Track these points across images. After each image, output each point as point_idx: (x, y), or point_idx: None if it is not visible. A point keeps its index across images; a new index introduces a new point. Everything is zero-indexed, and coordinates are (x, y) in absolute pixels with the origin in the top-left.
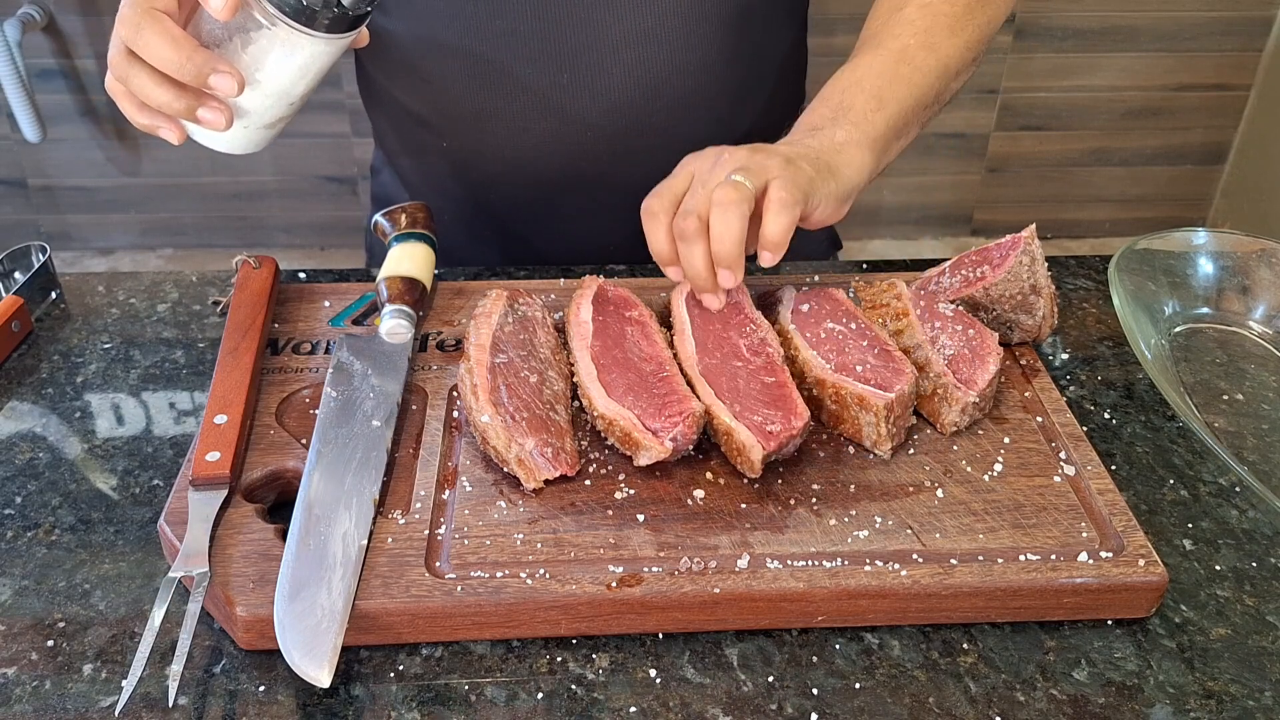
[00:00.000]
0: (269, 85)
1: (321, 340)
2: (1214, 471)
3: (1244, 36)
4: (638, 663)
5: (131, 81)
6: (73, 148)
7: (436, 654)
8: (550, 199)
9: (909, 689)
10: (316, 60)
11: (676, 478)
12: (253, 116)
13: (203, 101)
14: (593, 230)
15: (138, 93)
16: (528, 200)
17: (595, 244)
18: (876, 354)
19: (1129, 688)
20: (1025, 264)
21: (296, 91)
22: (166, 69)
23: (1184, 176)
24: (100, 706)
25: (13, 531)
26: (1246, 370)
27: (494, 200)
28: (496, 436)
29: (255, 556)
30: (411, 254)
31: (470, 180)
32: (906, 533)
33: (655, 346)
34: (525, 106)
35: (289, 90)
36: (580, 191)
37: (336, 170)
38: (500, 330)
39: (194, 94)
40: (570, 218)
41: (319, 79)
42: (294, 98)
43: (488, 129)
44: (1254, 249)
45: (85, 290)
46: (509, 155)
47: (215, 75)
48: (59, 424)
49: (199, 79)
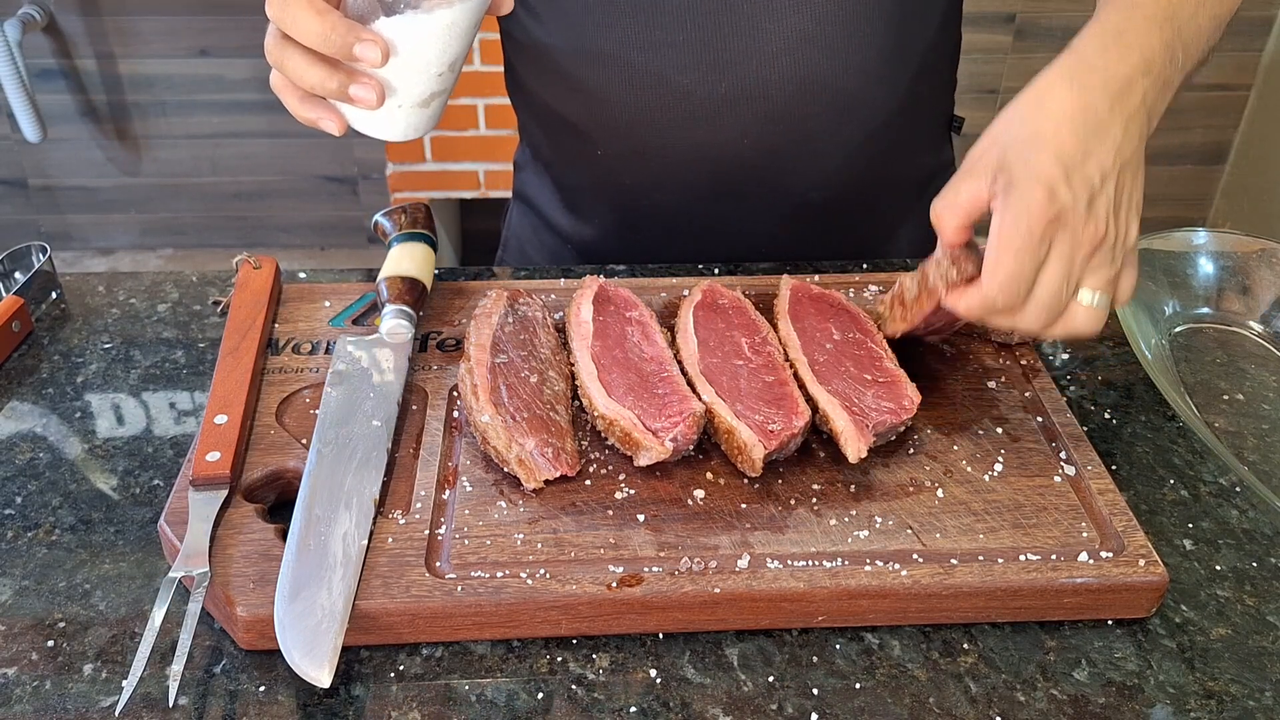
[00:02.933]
0: (412, 57)
1: (321, 340)
2: (1214, 471)
3: (1244, 36)
4: (638, 663)
5: (286, 65)
6: (73, 148)
7: (437, 654)
8: (703, 204)
9: (909, 689)
10: (456, 26)
11: (676, 478)
12: (403, 94)
13: (355, 79)
14: (744, 234)
15: (292, 76)
16: (679, 206)
17: (746, 246)
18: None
19: (1129, 688)
20: None
21: (443, 61)
22: (313, 42)
23: (1184, 176)
24: (100, 706)
25: (13, 531)
26: (1246, 370)
27: (645, 205)
28: (497, 436)
29: (255, 556)
30: (411, 254)
31: (622, 185)
32: (907, 533)
33: (656, 346)
34: (681, 115)
35: (434, 60)
36: (733, 197)
37: (336, 170)
38: (500, 330)
39: (346, 72)
40: (722, 222)
41: (463, 49)
42: (441, 68)
43: (642, 138)
44: (1254, 249)
45: (85, 290)
46: (663, 163)
47: (360, 44)
48: (59, 424)
49: (344, 49)
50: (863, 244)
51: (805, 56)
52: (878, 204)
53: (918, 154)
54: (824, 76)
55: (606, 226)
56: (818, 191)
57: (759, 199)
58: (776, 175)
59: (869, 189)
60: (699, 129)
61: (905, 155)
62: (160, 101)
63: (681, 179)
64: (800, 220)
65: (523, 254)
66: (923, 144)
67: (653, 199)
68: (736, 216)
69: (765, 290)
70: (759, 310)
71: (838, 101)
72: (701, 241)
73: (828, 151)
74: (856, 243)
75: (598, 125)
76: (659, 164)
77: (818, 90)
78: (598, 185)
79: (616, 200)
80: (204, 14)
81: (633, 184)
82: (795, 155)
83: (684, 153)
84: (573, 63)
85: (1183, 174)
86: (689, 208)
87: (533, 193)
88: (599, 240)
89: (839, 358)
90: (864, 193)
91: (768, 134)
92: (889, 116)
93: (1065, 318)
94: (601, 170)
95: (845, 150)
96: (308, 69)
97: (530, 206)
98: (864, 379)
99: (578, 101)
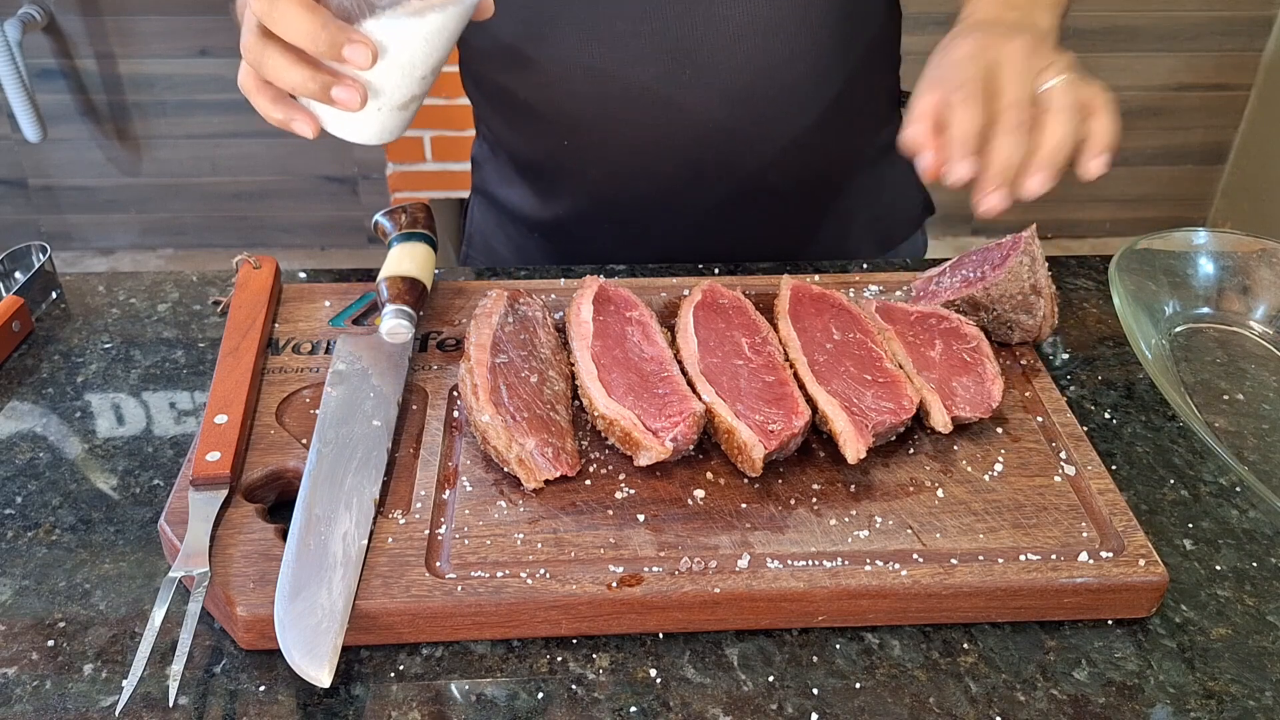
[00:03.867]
0: (398, 59)
1: (322, 340)
2: (1214, 471)
3: (1244, 36)
4: (638, 663)
5: (266, 64)
6: (73, 148)
7: (437, 654)
8: (669, 191)
9: (909, 689)
10: (445, 30)
11: (677, 478)
12: (385, 96)
13: (338, 80)
14: (710, 220)
15: (272, 75)
16: (646, 194)
17: (714, 233)
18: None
19: (1129, 688)
20: (1026, 264)
21: (428, 64)
22: (301, 41)
23: (1184, 176)
24: (100, 706)
25: (13, 531)
26: (1246, 370)
27: (612, 194)
28: (497, 436)
29: (255, 556)
30: (411, 254)
31: (589, 176)
32: (907, 533)
33: (656, 346)
34: (646, 104)
35: (419, 64)
36: (698, 184)
37: (336, 170)
38: (501, 330)
39: (328, 73)
40: (688, 209)
41: (446, 50)
42: (425, 71)
43: (607, 127)
44: (1254, 249)
45: (86, 290)
46: (629, 151)
47: (349, 46)
48: (59, 424)
49: (334, 49)
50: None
51: (763, 42)
52: (834, 178)
53: (870, 130)
54: (781, 61)
55: (573, 213)
56: (776, 171)
57: (720, 181)
58: (736, 158)
59: (826, 165)
60: (663, 115)
61: (859, 132)
62: (160, 101)
63: (645, 166)
64: (762, 200)
65: (488, 249)
66: (874, 120)
67: (620, 185)
68: (700, 199)
69: (765, 290)
70: (759, 310)
71: (794, 86)
72: (668, 225)
73: (784, 135)
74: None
75: (563, 117)
76: (624, 152)
77: (775, 74)
78: (564, 174)
79: (583, 188)
80: (204, 14)
81: (598, 174)
82: (756, 138)
83: (650, 140)
84: (537, 58)
85: (1183, 174)
86: (657, 196)
87: (493, 187)
88: (565, 228)
89: (839, 358)
90: (821, 170)
91: (727, 118)
92: (841, 95)
93: (1054, 116)
94: (567, 159)
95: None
96: (289, 68)
97: (492, 201)
98: (864, 379)
99: (542, 95)
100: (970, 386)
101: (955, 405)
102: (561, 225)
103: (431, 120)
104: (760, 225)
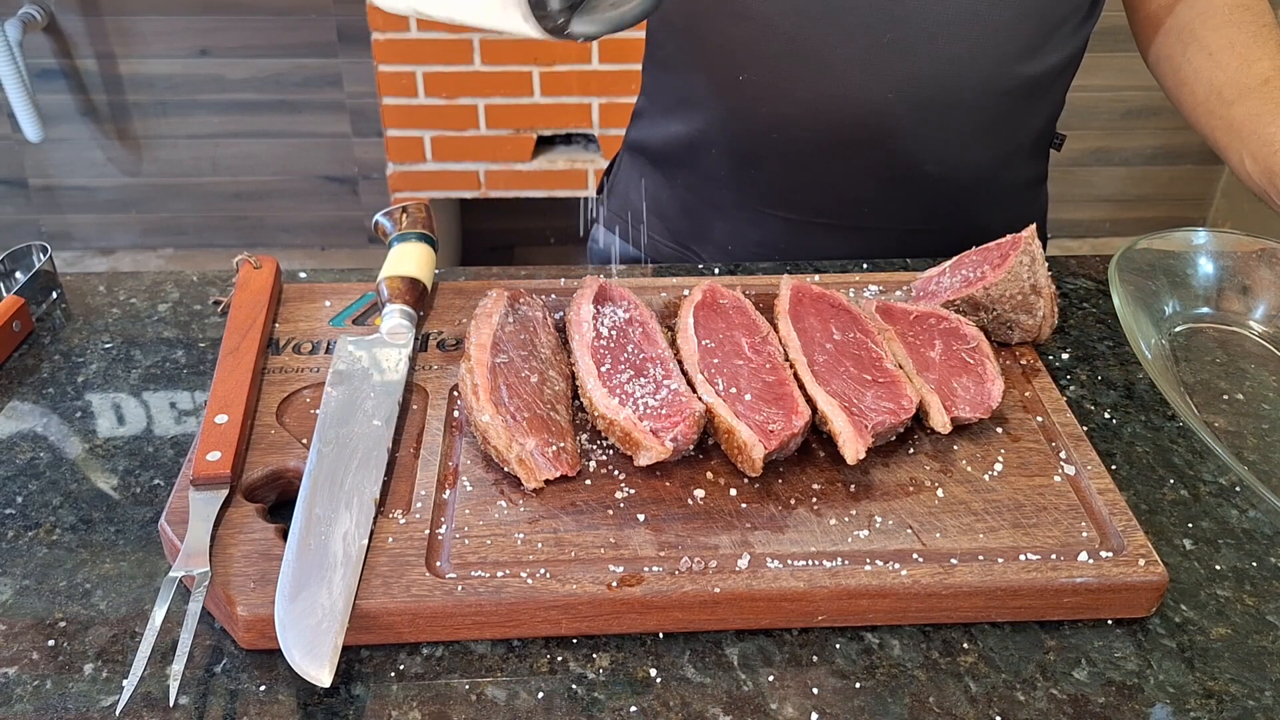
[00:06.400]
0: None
1: (322, 340)
2: (1214, 471)
3: None
4: (638, 663)
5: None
6: (73, 148)
7: (437, 654)
8: (829, 151)
9: (909, 689)
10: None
11: (677, 478)
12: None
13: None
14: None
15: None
16: (803, 150)
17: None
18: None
19: (1129, 687)
20: (1025, 264)
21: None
22: None
23: (1184, 176)
24: (101, 706)
25: (14, 531)
26: (1246, 370)
27: (767, 145)
28: (497, 436)
29: (256, 556)
30: (412, 254)
31: (752, 121)
32: (906, 532)
33: (656, 346)
34: (840, 55)
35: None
36: (856, 151)
37: (337, 170)
38: (501, 330)
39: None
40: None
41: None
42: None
43: (793, 67)
44: (1254, 249)
45: (86, 290)
46: (797, 102)
47: None
48: (60, 424)
49: None
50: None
51: (969, 32)
52: (976, 198)
53: (1025, 159)
54: (976, 55)
55: (720, 167)
56: (935, 165)
57: (879, 160)
58: (908, 141)
59: (976, 181)
60: (853, 71)
61: (1016, 156)
62: (160, 101)
63: (820, 121)
64: (906, 191)
65: (626, 200)
66: (1031, 152)
67: (783, 135)
68: (849, 172)
69: (765, 290)
70: (759, 310)
71: (981, 85)
72: (809, 191)
73: (954, 129)
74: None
75: (753, 50)
76: (805, 99)
77: (969, 67)
78: (726, 114)
79: (738, 134)
80: (204, 14)
81: (762, 124)
82: (929, 123)
83: (830, 94)
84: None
85: (1183, 174)
86: (813, 154)
87: (644, 136)
88: (709, 180)
89: (839, 358)
90: (970, 183)
91: (914, 96)
92: (1017, 108)
93: None
94: (736, 98)
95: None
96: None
97: (640, 152)
98: (863, 379)
99: (742, 28)
100: (970, 387)
101: (955, 405)
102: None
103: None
104: (889, 216)
